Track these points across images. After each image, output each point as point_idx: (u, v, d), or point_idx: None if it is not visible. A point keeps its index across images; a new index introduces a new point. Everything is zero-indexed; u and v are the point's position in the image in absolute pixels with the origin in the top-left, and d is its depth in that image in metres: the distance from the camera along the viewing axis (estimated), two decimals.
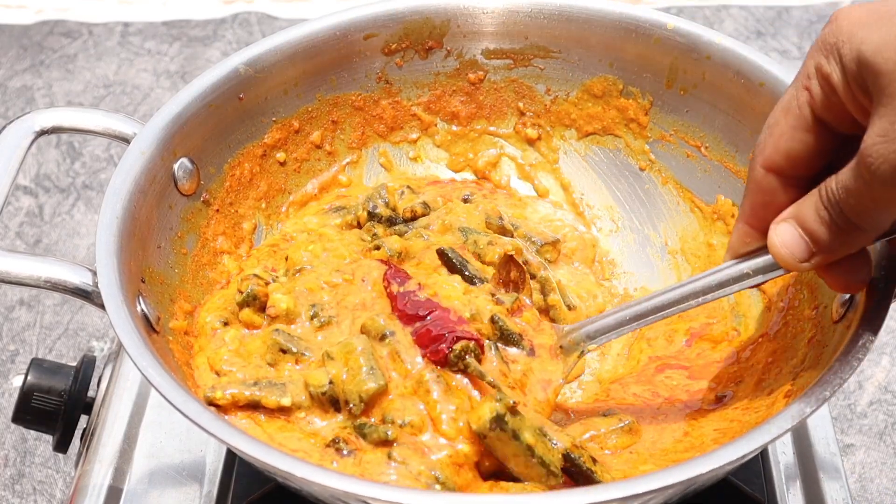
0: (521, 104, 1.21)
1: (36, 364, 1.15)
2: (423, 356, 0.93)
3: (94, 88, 2.06)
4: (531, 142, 1.22)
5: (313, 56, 1.14)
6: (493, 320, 0.97)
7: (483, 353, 0.94)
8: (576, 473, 0.89)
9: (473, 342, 0.93)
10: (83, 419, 1.16)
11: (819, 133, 0.83)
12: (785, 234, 0.85)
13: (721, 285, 0.92)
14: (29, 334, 1.65)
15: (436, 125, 1.22)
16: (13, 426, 1.51)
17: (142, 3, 2.25)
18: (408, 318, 0.96)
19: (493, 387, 0.91)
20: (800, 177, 0.85)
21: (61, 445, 1.16)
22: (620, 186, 1.20)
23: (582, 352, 0.98)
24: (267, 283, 1.03)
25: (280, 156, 1.15)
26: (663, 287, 0.96)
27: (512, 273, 1.03)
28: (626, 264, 1.17)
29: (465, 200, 1.17)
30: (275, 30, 2.02)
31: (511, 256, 1.04)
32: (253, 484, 1.00)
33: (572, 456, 0.89)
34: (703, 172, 1.14)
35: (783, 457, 1.04)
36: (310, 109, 1.16)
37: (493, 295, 1.00)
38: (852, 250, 0.84)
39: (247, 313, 1.02)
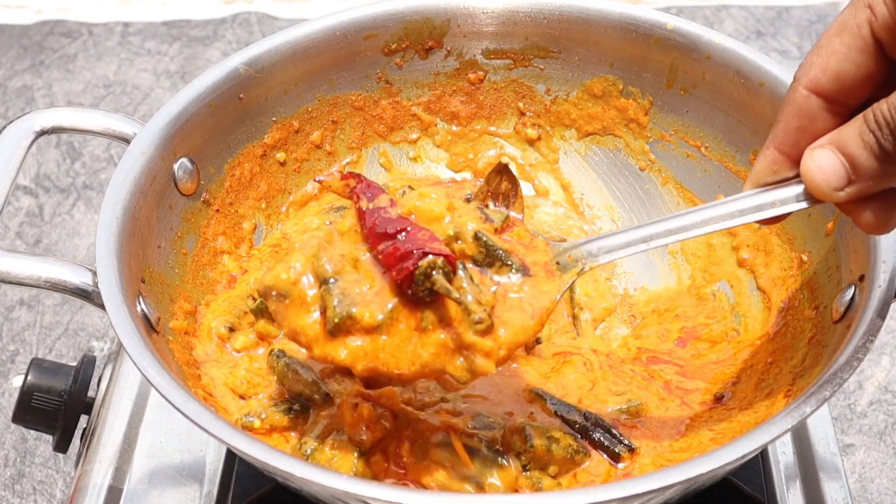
0: (521, 104, 1.21)
1: (36, 364, 1.15)
2: (389, 278, 0.85)
3: (94, 88, 2.06)
4: (531, 142, 1.22)
5: (313, 56, 1.14)
6: (476, 237, 0.89)
7: (455, 271, 0.85)
8: (597, 433, 0.94)
9: (443, 258, 0.83)
10: (83, 419, 1.15)
11: (874, 56, 0.79)
12: (822, 159, 0.80)
13: (742, 213, 0.86)
14: (29, 334, 1.65)
15: (436, 125, 1.22)
16: (13, 426, 1.51)
17: (142, 3, 2.25)
18: (376, 238, 0.87)
19: (460, 304, 0.83)
20: (842, 104, 0.82)
21: (61, 445, 1.16)
22: (620, 186, 1.20)
23: (581, 269, 0.90)
24: None
25: (280, 156, 1.15)
26: (681, 210, 0.90)
27: (503, 184, 0.94)
28: (626, 264, 1.16)
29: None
30: (275, 30, 2.02)
31: (505, 165, 0.95)
32: (253, 484, 1.00)
33: (591, 413, 0.94)
34: (703, 172, 1.14)
35: (783, 457, 1.04)
36: (310, 109, 1.16)
37: (481, 211, 0.92)
38: (893, 183, 0.80)
39: (262, 325, 1.02)
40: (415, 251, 0.83)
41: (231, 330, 1.03)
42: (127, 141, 1.05)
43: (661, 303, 1.12)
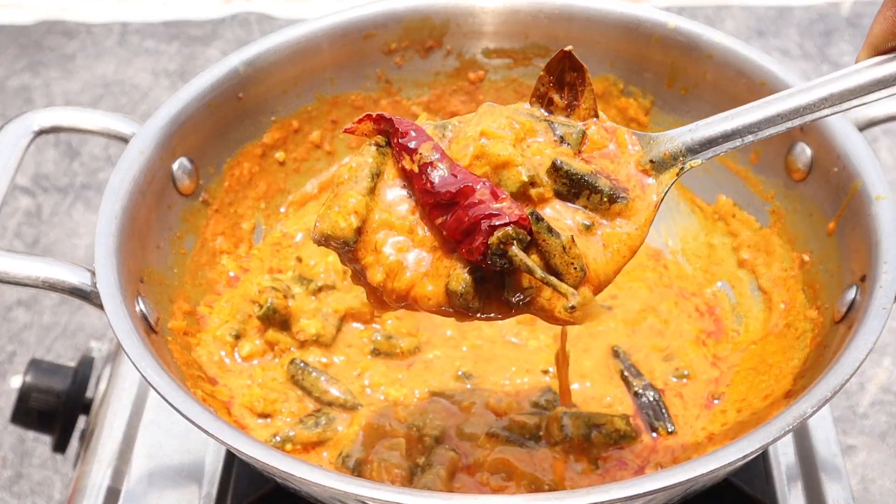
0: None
1: (34, 364, 1.15)
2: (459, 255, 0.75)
3: (93, 88, 2.06)
4: None
5: (313, 55, 1.14)
6: (554, 168, 0.77)
7: (531, 234, 0.74)
8: (647, 407, 0.97)
9: (514, 226, 0.72)
10: (82, 419, 1.15)
11: None
12: None
13: (862, 90, 0.75)
14: (27, 334, 1.65)
15: None
16: (11, 427, 1.51)
17: (141, 2, 2.25)
18: (433, 209, 0.75)
19: (548, 284, 0.73)
20: None
21: (60, 446, 1.16)
22: None
23: (681, 168, 0.80)
24: (285, 296, 1.03)
25: (279, 155, 1.15)
26: (786, 91, 0.80)
27: (567, 74, 0.81)
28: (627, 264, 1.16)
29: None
30: (274, 29, 2.02)
31: (567, 52, 0.81)
32: (252, 484, 0.99)
33: (651, 385, 0.98)
34: (703, 172, 1.14)
35: (784, 457, 1.03)
36: (309, 109, 1.16)
37: (552, 131, 0.80)
38: None
39: (272, 334, 1.02)
40: (482, 224, 0.72)
41: (237, 337, 1.02)
42: (125, 140, 1.05)
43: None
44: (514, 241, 0.72)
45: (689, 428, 0.98)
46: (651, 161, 0.80)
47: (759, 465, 1.02)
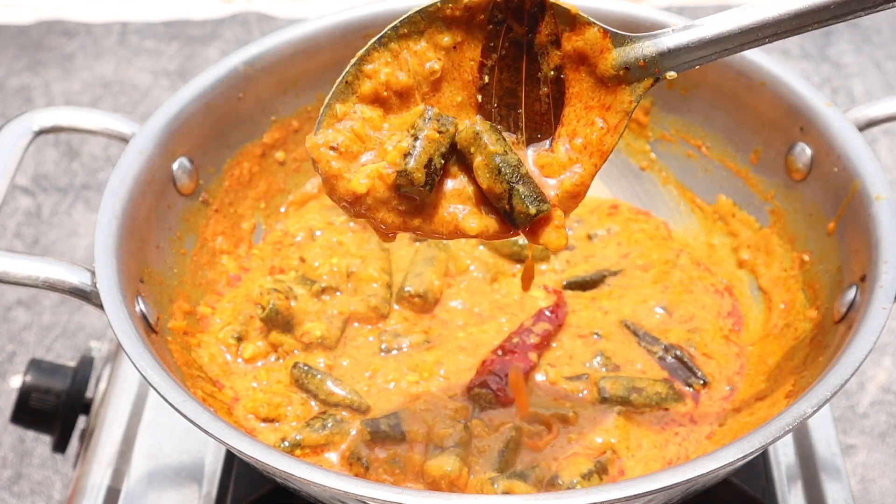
0: None
1: (34, 364, 1.15)
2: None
3: (93, 88, 2.06)
4: None
5: (313, 55, 1.14)
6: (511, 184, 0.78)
7: (495, 393, 0.98)
8: (675, 367, 1.01)
9: (489, 391, 0.98)
10: (82, 419, 1.15)
11: None
12: None
13: (845, 6, 0.71)
14: (27, 334, 1.65)
15: None
16: (11, 427, 1.51)
17: (141, 2, 2.25)
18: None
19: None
20: None
21: (60, 446, 1.16)
22: (621, 186, 1.19)
23: (656, 78, 0.76)
24: (287, 297, 1.03)
25: (279, 155, 1.15)
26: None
27: (527, 3, 0.79)
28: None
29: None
30: (274, 29, 2.02)
31: None
32: (252, 485, 0.99)
33: (672, 347, 1.01)
34: (703, 172, 1.14)
35: (784, 457, 1.04)
36: (309, 109, 1.16)
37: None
38: None
39: (275, 336, 1.02)
40: (490, 364, 1.00)
41: (239, 339, 1.02)
42: (125, 140, 1.05)
43: None
44: (483, 399, 0.98)
45: (724, 378, 1.00)
46: (626, 67, 0.78)
47: (759, 465, 1.02)
